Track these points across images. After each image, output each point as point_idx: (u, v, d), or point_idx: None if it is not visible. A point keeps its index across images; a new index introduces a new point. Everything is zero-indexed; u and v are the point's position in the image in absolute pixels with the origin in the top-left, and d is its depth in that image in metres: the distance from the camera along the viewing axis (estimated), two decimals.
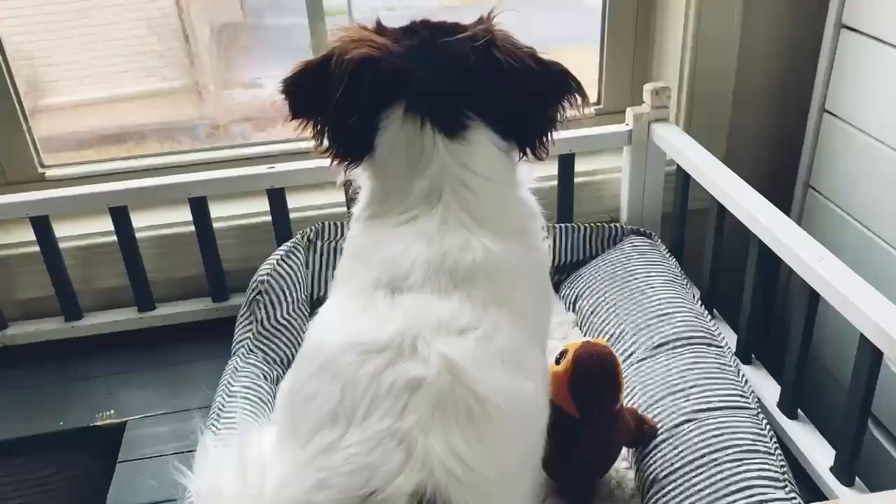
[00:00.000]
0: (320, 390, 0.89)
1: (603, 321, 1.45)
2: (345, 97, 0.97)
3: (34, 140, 1.70)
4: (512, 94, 1.00)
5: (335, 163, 1.04)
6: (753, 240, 1.35)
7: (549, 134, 1.04)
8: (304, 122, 1.03)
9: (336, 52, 0.98)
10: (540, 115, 1.03)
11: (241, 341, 1.44)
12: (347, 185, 1.20)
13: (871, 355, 1.11)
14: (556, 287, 1.64)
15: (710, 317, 1.42)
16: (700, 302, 1.48)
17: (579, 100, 1.03)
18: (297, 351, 1.44)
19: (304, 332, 1.46)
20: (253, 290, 1.47)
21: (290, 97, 1.02)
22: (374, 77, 0.97)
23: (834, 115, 1.57)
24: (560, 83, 1.03)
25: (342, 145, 1.02)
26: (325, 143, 1.03)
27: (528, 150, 1.04)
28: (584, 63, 1.91)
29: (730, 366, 1.29)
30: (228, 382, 1.34)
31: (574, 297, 1.57)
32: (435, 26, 1.03)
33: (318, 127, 1.03)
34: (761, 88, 1.74)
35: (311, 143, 1.06)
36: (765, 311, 1.78)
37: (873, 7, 1.44)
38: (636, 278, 1.49)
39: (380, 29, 1.03)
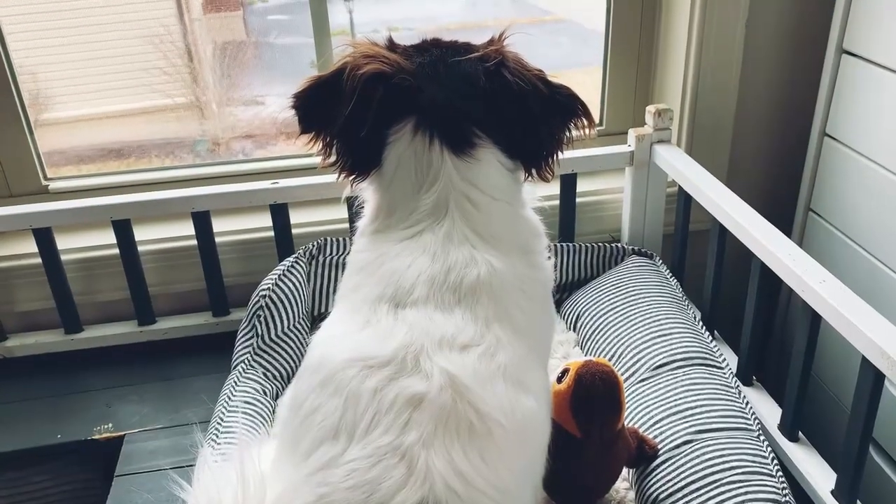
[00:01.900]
0: (322, 405, 0.89)
1: (604, 340, 1.45)
2: (355, 111, 0.97)
3: (38, 153, 1.71)
4: (520, 115, 1.01)
5: (342, 176, 1.05)
6: (755, 261, 1.36)
7: (554, 155, 1.05)
8: (313, 135, 1.04)
9: (348, 67, 0.99)
10: (547, 137, 1.03)
11: (241, 356, 1.44)
12: (351, 200, 1.21)
13: (872, 378, 1.11)
14: (558, 306, 1.64)
15: (710, 338, 1.42)
16: (701, 323, 1.49)
17: (585, 123, 1.05)
18: (297, 366, 1.44)
19: (304, 348, 1.46)
20: (254, 305, 1.47)
21: (300, 111, 1.03)
22: (384, 92, 0.98)
23: (834, 138, 1.58)
24: (568, 106, 1.04)
25: (350, 159, 1.03)
26: (333, 156, 1.04)
27: (534, 171, 1.05)
28: (586, 85, 1.93)
29: (731, 387, 1.29)
30: (228, 397, 1.34)
31: (576, 316, 1.57)
32: (446, 45, 1.04)
33: (327, 140, 1.03)
34: (763, 111, 1.75)
35: (314, 160, 1.07)
36: (766, 332, 1.78)
37: (873, 32, 1.45)
38: (637, 298, 1.49)
39: (391, 46, 1.04)
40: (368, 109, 0.98)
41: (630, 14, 1.75)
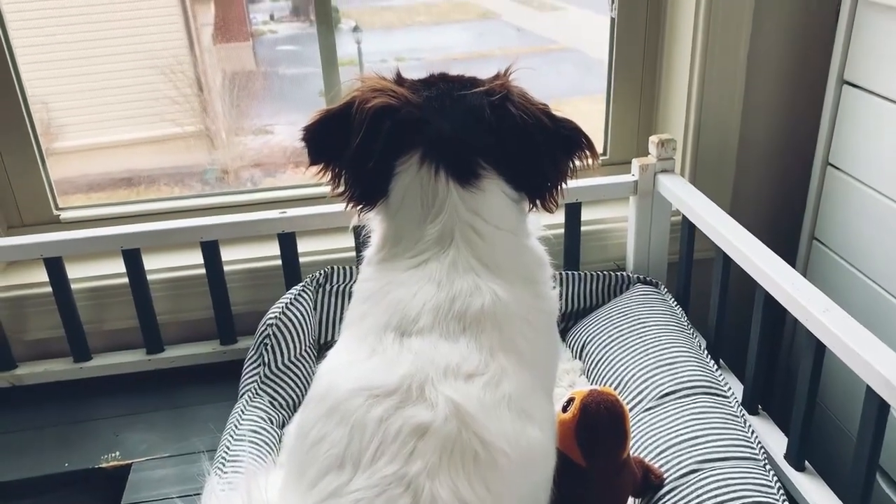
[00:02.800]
0: (328, 434, 0.89)
1: (610, 369, 1.46)
2: (364, 143, 1.00)
3: (50, 183, 1.74)
4: (525, 148, 1.02)
5: (350, 206, 1.06)
6: (759, 291, 1.36)
7: (558, 187, 1.07)
8: (322, 167, 1.06)
9: (357, 101, 1.01)
10: (551, 170, 1.05)
11: (248, 384, 1.45)
12: (358, 229, 1.23)
13: (877, 407, 1.11)
14: (563, 334, 1.64)
15: (716, 366, 1.43)
16: (706, 351, 1.49)
17: (589, 156, 1.06)
18: (303, 395, 1.45)
19: (310, 377, 1.47)
20: (261, 334, 1.48)
21: (310, 143, 1.05)
22: (392, 125, 1.00)
23: (837, 168, 1.59)
24: (571, 140, 1.06)
25: (358, 189, 1.05)
26: (342, 186, 1.06)
27: (538, 202, 1.07)
28: (591, 113, 1.95)
29: (736, 416, 1.29)
30: (234, 425, 1.34)
31: (581, 344, 1.57)
32: (453, 79, 1.06)
33: (336, 171, 1.05)
34: (765, 141, 1.76)
35: (322, 189, 1.09)
36: (771, 361, 1.78)
37: (874, 63, 1.47)
38: (643, 327, 1.49)
39: (399, 80, 1.07)
40: (376, 141, 1.00)
41: (633, 45, 1.78)
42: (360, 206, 1.06)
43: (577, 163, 1.07)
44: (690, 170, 1.75)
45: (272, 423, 1.40)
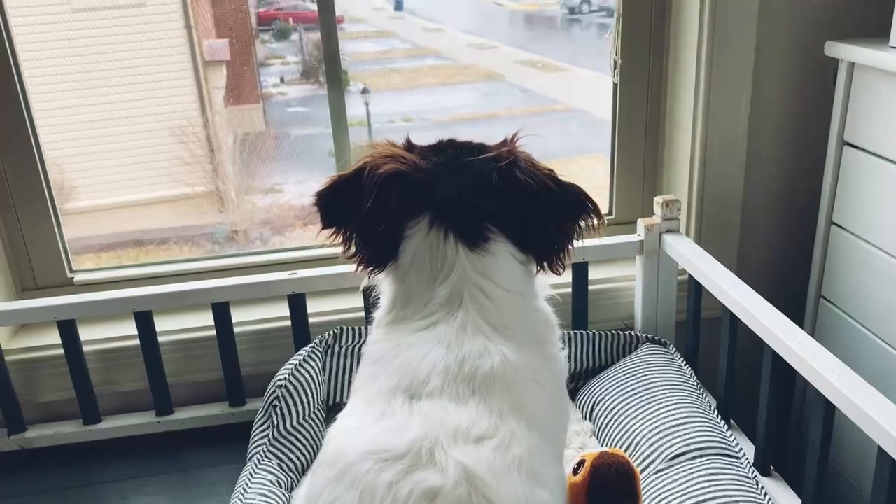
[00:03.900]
0: (338, 498, 0.89)
1: (620, 430, 1.45)
2: (374, 208, 1.02)
3: (65, 246, 1.76)
4: (531, 211, 1.05)
5: (361, 268, 1.08)
6: (767, 350, 1.37)
7: (565, 250, 1.08)
8: (334, 231, 1.08)
9: (368, 167, 1.04)
10: (557, 233, 1.07)
11: (256, 447, 1.44)
12: (367, 290, 1.24)
13: (889, 468, 1.10)
14: (573, 395, 1.64)
15: (726, 427, 1.42)
16: (716, 411, 1.48)
17: (595, 220, 1.08)
18: (312, 458, 1.44)
19: (319, 438, 1.47)
20: (271, 395, 1.48)
21: (322, 208, 1.08)
22: (402, 190, 1.03)
23: (842, 227, 1.60)
24: (577, 204, 1.08)
25: (369, 252, 1.07)
26: (353, 249, 1.08)
27: (546, 264, 1.08)
28: (596, 171, 1.98)
29: (748, 477, 1.28)
30: (243, 489, 1.34)
31: (591, 405, 1.57)
32: (461, 145, 1.10)
33: (347, 234, 1.08)
34: (769, 200, 1.78)
35: (332, 250, 1.11)
36: (782, 420, 1.76)
37: (872, 125, 1.50)
38: (652, 387, 1.49)
39: (409, 146, 1.10)
40: (387, 206, 1.03)
41: (635, 108, 1.81)
42: (371, 268, 1.08)
43: (583, 226, 1.09)
44: (696, 230, 1.77)
45: (281, 486, 1.39)
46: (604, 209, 1.91)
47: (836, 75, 1.58)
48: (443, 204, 1.04)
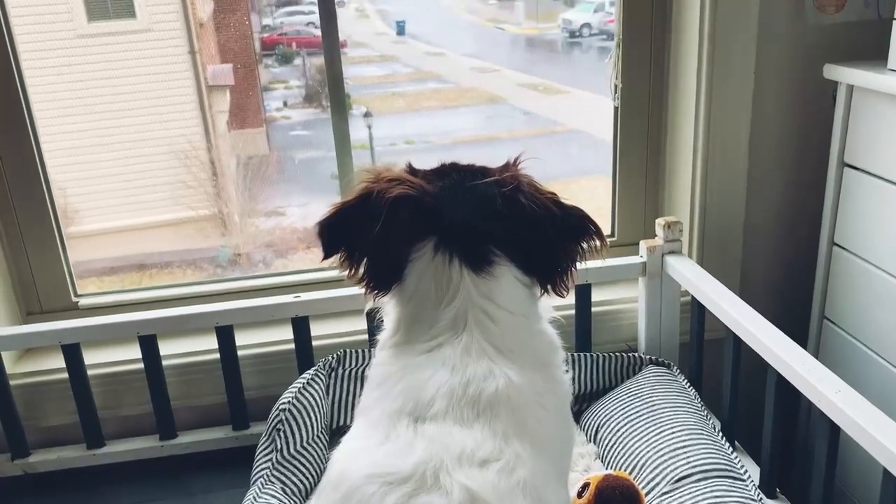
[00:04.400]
0: None
1: (624, 453, 1.45)
2: (384, 232, 1.03)
3: (70, 270, 1.77)
4: (535, 235, 1.06)
5: (366, 292, 1.09)
6: (770, 372, 1.37)
7: (568, 273, 1.09)
8: (340, 257, 1.08)
9: (375, 190, 1.05)
10: (561, 256, 1.08)
11: (260, 470, 1.44)
12: (371, 313, 1.25)
13: (895, 489, 1.10)
14: (577, 417, 1.64)
15: (731, 449, 1.42)
16: (721, 433, 1.48)
17: (597, 242, 1.09)
18: (316, 481, 1.44)
19: (323, 462, 1.47)
20: (274, 419, 1.48)
21: (325, 237, 1.08)
22: (410, 214, 1.03)
23: (843, 247, 1.61)
24: (579, 227, 1.09)
25: (374, 275, 1.07)
26: (359, 273, 1.08)
27: (550, 287, 1.09)
28: (598, 191, 1.99)
29: (754, 500, 1.27)
30: None
31: (595, 427, 1.56)
32: (464, 169, 1.10)
33: (352, 259, 1.08)
34: (771, 221, 1.79)
35: (335, 273, 1.12)
36: (787, 442, 1.76)
37: (871, 146, 1.51)
38: (656, 409, 1.49)
39: (412, 170, 1.11)
40: (395, 230, 1.03)
41: (636, 131, 1.83)
42: (376, 291, 1.09)
43: (586, 248, 1.10)
44: (698, 251, 1.77)
45: None
46: (606, 231, 1.91)
47: (835, 97, 1.59)
48: (448, 228, 1.05)
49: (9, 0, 1.61)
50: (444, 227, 1.04)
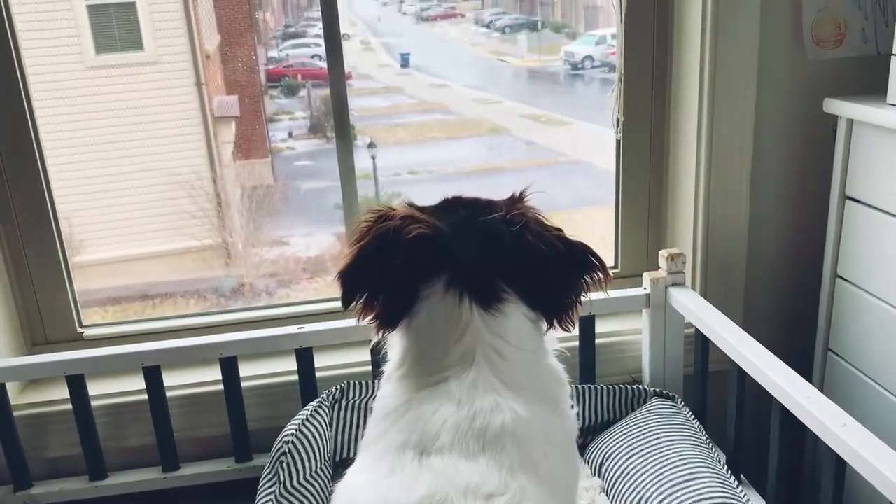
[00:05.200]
0: None
1: (629, 486, 1.44)
2: (402, 271, 1.04)
3: (76, 301, 1.78)
4: (541, 273, 1.07)
5: (376, 329, 1.09)
6: (775, 404, 1.36)
7: (574, 308, 1.10)
8: (356, 302, 1.08)
9: (391, 229, 1.05)
10: (567, 292, 1.09)
11: (263, 503, 1.43)
12: (376, 345, 1.25)
13: None
14: (582, 450, 1.63)
15: (736, 482, 1.41)
16: (726, 467, 1.47)
17: (602, 277, 1.10)
18: None
19: (326, 495, 1.46)
20: (277, 451, 1.47)
21: (346, 285, 1.08)
22: (425, 252, 1.04)
23: (846, 280, 1.61)
24: (585, 262, 1.10)
25: (386, 312, 1.08)
26: (373, 313, 1.08)
27: (555, 322, 1.09)
28: (601, 221, 2.00)
29: None
30: None
31: (600, 461, 1.56)
32: (470, 203, 1.12)
33: (368, 300, 1.08)
34: (774, 254, 1.80)
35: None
36: (794, 475, 1.75)
37: (872, 179, 1.52)
38: (661, 442, 1.48)
39: (419, 208, 1.11)
40: (412, 268, 1.04)
41: (639, 164, 1.84)
42: (385, 326, 1.09)
43: (591, 282, 1.11)
44: (701, 283, 1.78)
45: None
46: (609, 262, 1.92)
47: (835, 131, 1.61)
48: (459, 265, 1.06)
49: (20, 32, 1.63)
50: (454, 264, 1.05)
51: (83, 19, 2.22)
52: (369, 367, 1.68)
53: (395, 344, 1.12)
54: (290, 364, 1.66)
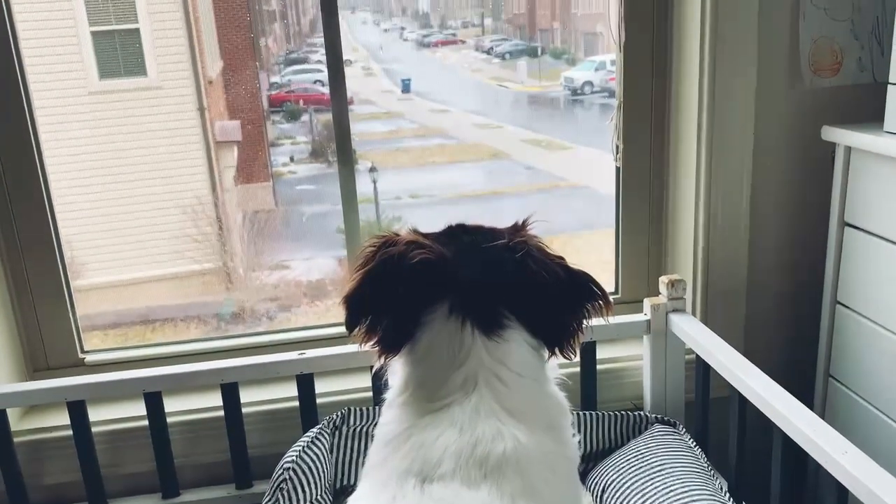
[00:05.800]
0: None
1: None
2: (407, 296, 1.05)
3: (78, 327, 1.78)
4: (543, 301, 1.07)
5: (378, 355, 1.10)
6: (776, 431, 1.36)
7: (576, 336, 1.10)
8: (359, 327, 1.09)
9: (395, 254, 1.06)
10: (568, 320, 1.09)
11: None
12: (378, 371, 1.25)
13: None
14: (583, 477, 1.62)
15: None
16: (728, 494, 1.47)
17: (603, 305, 1.11)
18: None
19: None
20: (278, 478, 1.47)
21: (350, 310, 1.09)
22: (429, 278, 1.05)
23: (846, 306, 1.62)
24: (586, 291, 1.11)
25: (388, 338, 1.08)
26: (374, 339, 1.09)
27: (557, 350, 1.10)
28: (602, 246, 2.01)
29: None
30: None
31: (602, 488, 1.55)
32: (473, 231, 1.13)
33: (371, 325, 1.09)
34: (774, 280, 1.80)
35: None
36: (796, 502, 1.74)
37: (871, 206, 1.53)
38: (663, 470, 1.48)
39: (423, 235, 1.12)
40: (414, 294, 1.05)
41: (639, 190, 1.85)
42: (387, 352, 1.10)
43: (592, 310, 1.11)
44: (702, 309, 1.78)
45: None
46: (610, 288, 1.92)
47: (833, 157, 1.62)
48: (461, 292, 1.06)
49: (26, 57, 1.65)
50: (457, 291, 1.06)
51: (87, 45, 2.24)
52: (370, 393, 1.67)
53: (397, 370, 1.12)
54: (291, 390, 1.65)
